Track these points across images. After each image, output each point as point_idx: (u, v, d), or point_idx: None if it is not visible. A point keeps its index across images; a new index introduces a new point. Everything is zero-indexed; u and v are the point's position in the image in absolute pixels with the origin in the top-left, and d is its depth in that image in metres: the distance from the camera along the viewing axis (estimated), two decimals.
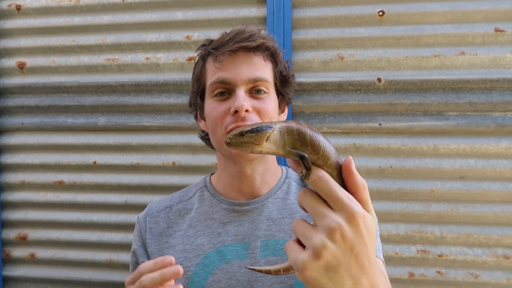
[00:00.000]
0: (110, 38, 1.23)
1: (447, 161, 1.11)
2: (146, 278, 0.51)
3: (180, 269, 0.50)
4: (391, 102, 1.12)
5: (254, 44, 0.69)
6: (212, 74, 0.70)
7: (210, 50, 0.72)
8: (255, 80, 0.68)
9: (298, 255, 0.39)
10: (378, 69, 1.13)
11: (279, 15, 1.13)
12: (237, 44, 0.68)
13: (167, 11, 1.20)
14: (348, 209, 0.38)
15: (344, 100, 1.14)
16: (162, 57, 1.21)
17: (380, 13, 1.11)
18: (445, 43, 1.10)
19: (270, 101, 0.71)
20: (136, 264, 0.76)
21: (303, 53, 1.15)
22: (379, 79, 1.12)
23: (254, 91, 0.69)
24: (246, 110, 0.65)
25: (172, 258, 0.51)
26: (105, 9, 1.23)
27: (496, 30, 1.08)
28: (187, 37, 1.20)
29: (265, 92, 0.70)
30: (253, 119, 0.67)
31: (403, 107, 1.12)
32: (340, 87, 1.14)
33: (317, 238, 0.38)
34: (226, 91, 0.69)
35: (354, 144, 1.14)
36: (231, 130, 0.67)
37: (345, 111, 1.15)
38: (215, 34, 0.95)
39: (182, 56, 1.20)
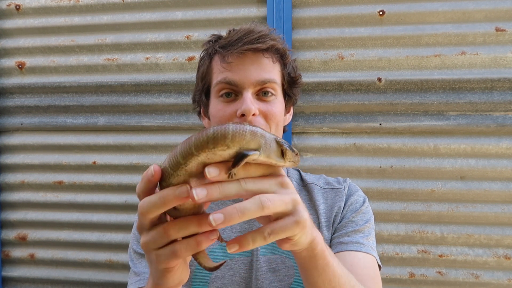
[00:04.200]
0: (109, 38, 1.23)
1: (447, 161, 1.11)
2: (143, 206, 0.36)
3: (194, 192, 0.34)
4: (391, 102, 1.12)
5: (264, 46, 0.67)
6: (219, 73, 0.69)
7: (218, 49, 0.70)
8: (263, 82, 0.67)
9: (293, 219, 0.38)
10: (378, 69, 1.12)
11: (279, 15, 1.13)
12: (246, 46, 0.66)
13: (167, 11, 1.20)
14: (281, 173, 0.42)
15: (344, 100, 1.14)
16: (161, 57, 1.21)
17: (380, 13, 1.11)
18: (446, 43, 1.10)
19: (277, 103, 0.70)
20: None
21: (303, 53, 1.15)
22: (379, 79, 1.12)
23: (262, 93, 0.68)
24: (253, 114, 0.65)
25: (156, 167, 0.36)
26: (104, 9, 1.23)
27: (497, 29, 1.07)
28: (187, 37, 1.19)
29: (272, 94, 0.69)
30: (259, 123, 0.66)
31: (404, 107, 1.12)
32: (340, 87, 1.14)
33: (285, 196, 0.38)
34: (233, 92, 0.68)
35: (354, 144, 1.14)
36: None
37: (345, 111, 1.15)
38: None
39: (182, 56, 1.20)
